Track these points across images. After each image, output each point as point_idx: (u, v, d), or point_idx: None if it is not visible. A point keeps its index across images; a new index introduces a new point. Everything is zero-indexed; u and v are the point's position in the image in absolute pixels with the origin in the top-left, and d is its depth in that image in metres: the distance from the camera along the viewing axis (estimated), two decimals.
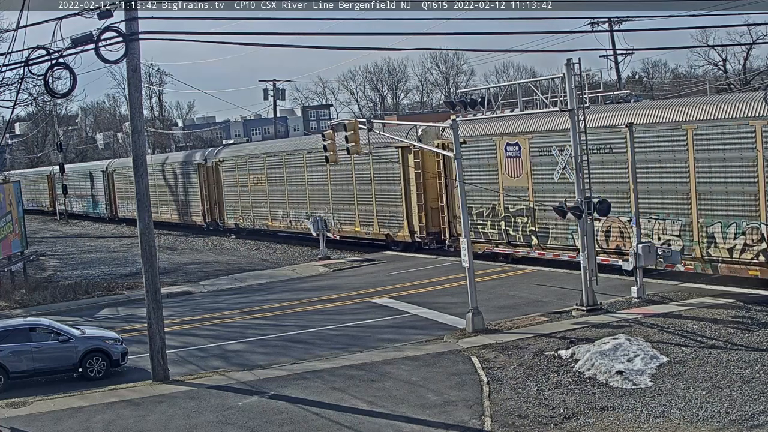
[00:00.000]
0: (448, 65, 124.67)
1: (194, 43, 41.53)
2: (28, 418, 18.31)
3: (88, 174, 76.61)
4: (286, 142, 55.22)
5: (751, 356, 18.17)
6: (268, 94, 78.29)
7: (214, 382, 20.01)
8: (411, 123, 37.10)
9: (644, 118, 26.21)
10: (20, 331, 21.71)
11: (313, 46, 36.16)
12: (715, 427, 14.65)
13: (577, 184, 23.61)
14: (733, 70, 72.87)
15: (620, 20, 55.97)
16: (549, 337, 21.21)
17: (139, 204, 20.85)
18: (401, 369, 19.70)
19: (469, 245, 23.05)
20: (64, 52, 18.65)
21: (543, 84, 25.17)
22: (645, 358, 18.36)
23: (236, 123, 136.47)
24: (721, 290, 24.51)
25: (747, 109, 23.55)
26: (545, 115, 27.22)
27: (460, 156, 23.50)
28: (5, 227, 37.29)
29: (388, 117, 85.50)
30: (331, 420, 16.65)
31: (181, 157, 61.57)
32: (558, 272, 29.83)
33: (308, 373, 20.00)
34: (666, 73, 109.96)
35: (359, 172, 40.27)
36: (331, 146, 28.43)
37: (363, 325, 25.16)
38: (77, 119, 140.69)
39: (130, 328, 27.12)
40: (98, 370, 21.57)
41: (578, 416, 15.76)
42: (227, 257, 44.11)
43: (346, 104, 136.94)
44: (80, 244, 56.58)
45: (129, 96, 21.19)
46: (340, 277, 34.68)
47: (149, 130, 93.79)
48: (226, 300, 31.73)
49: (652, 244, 24.55)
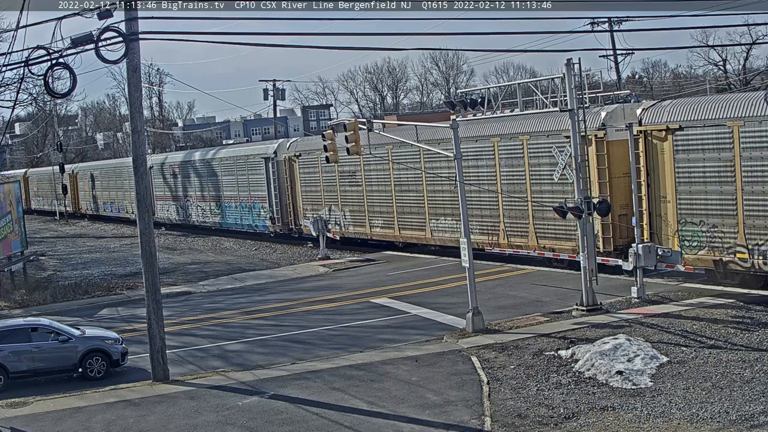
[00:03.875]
0: (448, 65, 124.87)
1: (194, 42, 41.59)
2: (28, 418, 18.31)
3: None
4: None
5: (751, 356, 18.16)
6: (268, 94, 78.30)
7: (214, 382, 20.01)
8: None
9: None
10: (20, 331, 21.71)
11: (313, 46, 36.42)
12: (715, 427, 14.65)
13: (577, 184, 23.61)
14: (733, 70, 72.90)
15: (620, 20, 56.01)
16: (549, 337, 21.21)
17: (139, 204, 20.85)
18: (401, 369, 19.69)
19: (469, 245, 23.04)
20: (64, 52, 18.65)
21: (543, 84, 25.16)
22: (645, 358, 18.35)
23: (236, 123, 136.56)
24: (721, 290, 24.50)
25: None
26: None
27: (460, 156, 23.49)
28: (5, 227, 37.28)
29: (388, 117, 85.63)
30: (331, 420, 16.65)
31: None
32: (558, 272, 29.83)
33: (308, 373, 20.00)
34: (666, 73, 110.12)
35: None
36: (332, 146, 28.39)
37: (363, 325, 25.16)
38: (77, 119, 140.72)
39: (130, 328, 27.12)
40: (98, 370, 21.57)
41: (578, 416, 15.76)
42: (227, 257, 44.11)
43: (346, 104, 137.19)
44: (80, 244, 56.57)
45: (129, 96, 21.19)
46: (340, 277, 34.67)
47: (149, 130, 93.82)
48: (226, 300, 31.72)
49: (652, 244, 24.56)
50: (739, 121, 23.33)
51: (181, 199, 58.43)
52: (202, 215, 56.02)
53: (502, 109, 26.69)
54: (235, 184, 50.75)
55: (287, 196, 45.93)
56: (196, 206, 56.60)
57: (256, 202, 48.64)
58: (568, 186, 28.29)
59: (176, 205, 59.31)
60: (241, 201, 50.39)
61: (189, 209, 57.49)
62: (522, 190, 31.07)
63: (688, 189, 25.00)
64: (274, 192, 46.63)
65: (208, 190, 54.46)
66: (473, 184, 31.58)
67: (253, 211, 49.26)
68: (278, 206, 46.54)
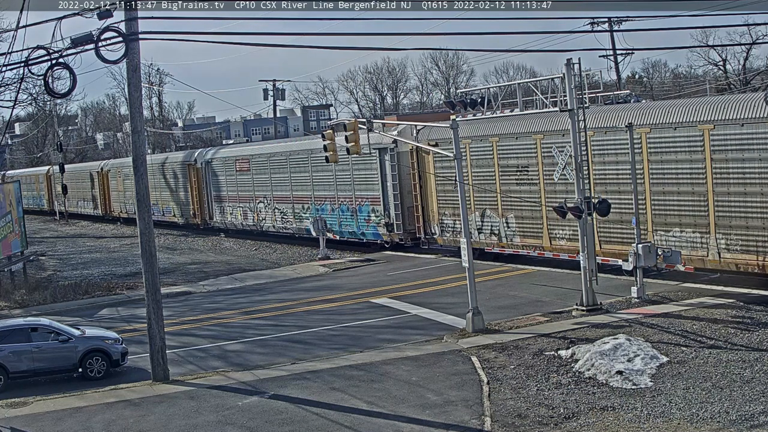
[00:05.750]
0: (448, 65, 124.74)
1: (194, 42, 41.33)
2: (28, 418, 18.31)
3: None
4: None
5: (751, 356, 18.16)
6: (268, 94, 78.32)
7: (213, 382, 20.01)
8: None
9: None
10: (20, 331, 21.71)
11: (313, 46, 36.44)
12: (715, 427, 14.64)
13: (577, 184, 23.61)
14: (733, 70, 72.90)
15: (620, 20, 56.02)
16: (549, 337, 21.21)
17: (139, 204, 20.85)
18: (401, 369, 19.69)
19: (469, 245, 23.04)
20: (64, 52, 18.66)
21: (543, 84, 25.16)
22: (645, 358, 18.35)
23: (236, 123, 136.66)
24: (721, 290, 24.51)
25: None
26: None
27: (460, 156, 23.49)
28: (5, 227, 37.28)
29: (388, 117, 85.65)
30: (331, 420, 16.65)
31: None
32: (558, 272, 29.82)
33: (308, 373, 20.00)
34: (666, 73, 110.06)
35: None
36: (331, 146, 28.40)
37: (363, 325, 25.16)
38: (77, 119, 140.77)
39: (130, 328, 27.12)
40: (98, 370, 21.57)
41: (578, 416, 15.76)
42: (227, 257, 44.10)
43: (346, 104, 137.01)
44: (80, 244, 56.57)
45: (129, 96, 21.21)
46: (340, 277, 34.67)
47: (149, 130, 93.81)
48: (226, 300, 31.72)
49: (652, 244, 24.55)
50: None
51: (250, 201, 49.35)
52: (281, 220, 46.51)
53: (502, 109, 26.71)
54: (332, 181, 41.47)
55: (413, 197, 36.67)
56: (273, 209, 47.17)
57: (364, 204, 39.43)
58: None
59: (242, 208, 50.18)
60: (341, 203, 41.10)
61: (261, 212, 48.31)
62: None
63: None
64: (392, 191, 37.41)
65: (290, 189, 45.34)
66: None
67: (358, 216, 39.76)
68: (398, 209, 37.30)
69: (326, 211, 42.07)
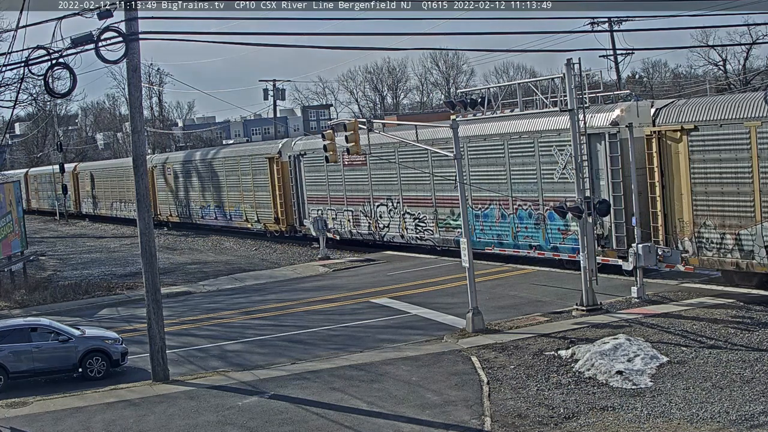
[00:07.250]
0: (448, 65, 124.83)
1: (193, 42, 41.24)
2: (28, 418, 18.31)
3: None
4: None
5: (751, 356, 18.16)
6: (268, 94, 78.34)
7: (213, 382, 20.01)
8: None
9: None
10: (20, 331, 21.72)
11: (313, 46, 36.38)
12: (715, 427, 14.65)
13: (577, 184, 23.61)
14: (733, 70, 72.94)
15: (620, 20, 55.99)
16: (549, 337, 21.21)
17: (139, 204, 20.84)
18: (401, 369, 19.69)
19: (468, 245, 23.04)
20: (64, 52, 18.67)
21: (543, 84, 25.17)
22: (645, 358, 18.35)
23: (236, 123, 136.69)
24: (721, 290, 24.51)
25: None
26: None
27: (460, 156, 23.48)
28: (5, 227, 37.29)
29: (388, 117, 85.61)
30: (331, 420, 16.65)
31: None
32: (558, 272, 29.83)
33: (308, 373, 20.00)
34: (666, 73, 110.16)
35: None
36: (331, 146, 28.39)
37: (363, 325, 25.16)
38: (77, 119, 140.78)
39: (130, 328, 27.12)
40: (98, 370, 21.57)
41: (578, 416, 15.76)
42: (227, 257, 44.10)
43: (346, 104, 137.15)
44: (80, 244, 56.56)
45: (129, 96, 21.21)
46: (340, 277, 34.66)
47: (149, 130, 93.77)
48: (226, 300, 31.72)
49: (652, 243, 24.53)
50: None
51: (364, 203, 39.57)
52: (415, 228, 36.48)
53: (502, 109, 26.72)
54: (505, 177, 31.50)
55: (649, 200, 25.95)
56: (402, 214, 37.23)
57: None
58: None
59: (352, 212, 40.56)
60: (519, 207, 31.21)
61: (384, 218, 38.39)
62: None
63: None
64: (614, 191, 27.23)
65: (432, 189, 35.37)
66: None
67: (548, 225, 29.97)
68: (618, 217, 27.18)
69: (492, 219, 32.43)
